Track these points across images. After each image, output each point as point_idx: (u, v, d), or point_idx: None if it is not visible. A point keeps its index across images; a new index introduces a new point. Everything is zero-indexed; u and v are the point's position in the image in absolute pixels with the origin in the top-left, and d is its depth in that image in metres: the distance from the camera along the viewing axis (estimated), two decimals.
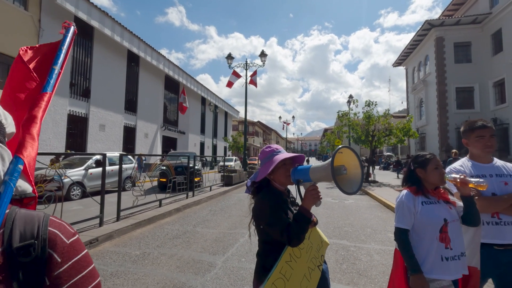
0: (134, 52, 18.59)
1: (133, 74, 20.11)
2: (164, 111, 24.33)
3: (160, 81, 23.40)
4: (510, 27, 20.46)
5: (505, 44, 21.10)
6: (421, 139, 28.15)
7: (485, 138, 1.91)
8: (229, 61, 16.25)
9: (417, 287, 1.56)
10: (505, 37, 21.04)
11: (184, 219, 6.45)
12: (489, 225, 1.81)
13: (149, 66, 21.13)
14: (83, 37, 15.59)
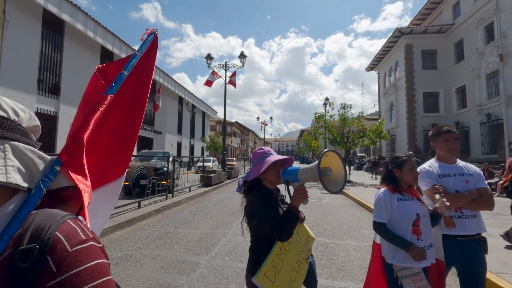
0: (108, 49, 17.92)
1: None
2: None
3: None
4: (470, 38, 22.17)
5: (466, 53, 22.83)
6: (391, 140, 29.64)
7: (450, 142, 2.15)
8: (209, 61, 16.17)
9: (417, 255, 1.73)
10: (466, 46, 22.77)
11: (165, 220, 6.38)
12: (453, 218, 2.03)
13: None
14: (52, 32, 14.80)
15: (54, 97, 15.00)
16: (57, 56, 15.27)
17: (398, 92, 28.51)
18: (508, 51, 17.81)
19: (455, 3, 24.20)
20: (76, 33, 15.74)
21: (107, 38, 17.50)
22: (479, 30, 21.22)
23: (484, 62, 20.73)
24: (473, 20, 21.67)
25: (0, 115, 0.58)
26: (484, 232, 2.05)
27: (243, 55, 16.41)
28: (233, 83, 16.91)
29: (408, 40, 25.87)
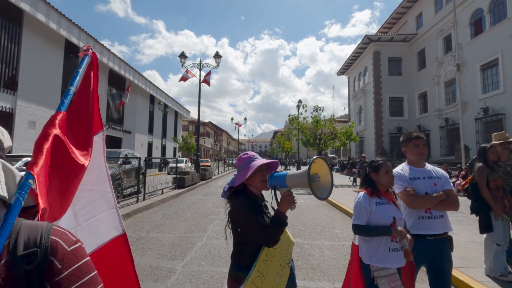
0: (74, 43, 16.85)
1: (72, 66, 18.19)
2: (107, 109, 22.50)
3: (104, 75, 21.60)
4: (431, 47, 23.85)
5: (427, 62, 24.52)
6: (360, 142, 30.98)
7: (419, 147, 2.29)
8: (182, 59, 15.80)
9: (398, 233, 1.84)
10: (428, 55, 24.46)
11: (136, 224, 6.12)
12: (423, 219, 2.17)
13: None
14: (8, 21, 13.61)
15: (10, 92, 13.80)
16: (14, 48, 14.06)
17: (366, 96, 29.90)
18: (464, 61, 19.41)
19: (418, 14, 25.91)
20: (37, 24, 14.61)
21: (72, 31, 16.44)
22: (439, 41, 22.89)
23: (443, 71, 22.40)
24: (434, 31, 23.34)
25: None
26: (451, 231, 2.20)
27: (218, 55, 16.26)
28: (207, 82, 16.69)
29: (376, 47, 27.24)
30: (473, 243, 4.65)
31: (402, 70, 27.34)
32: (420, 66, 25.79)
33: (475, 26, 19.53)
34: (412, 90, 26.51)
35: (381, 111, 26.89)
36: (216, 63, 16.49)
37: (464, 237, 5.01)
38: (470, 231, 5.39)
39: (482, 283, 3.17)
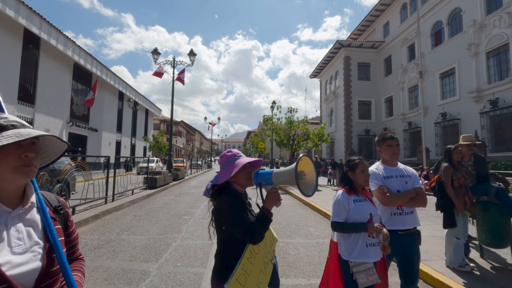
0: (34, 32, 15.61)
1: (31, 58, 16.86)
2: (71, 105, 21.13)
3: (68, 69, 20.29)
4: (397, 55, 25.34)
5: (393, 68, 26.01)
6: (331, 143, 32.08)
7: (393, 147, 2.43)
8: (155, 56, 15.30)
9: (375, 229, 1.92)
10: (394, 62, 25.95)
11: (105, 226, 5.82)
12: (395, 215, 2.30)
13: (54, 51, 18.06)
14: None
15: None
16: None
17: (337, 99, 31.03)
18: (426, 69, 20.85)
19: (385, 23, 27.41)
20: None
21: (32, 20, 15.24)
22: (403, 49, 24.39)
23: (407, 77, 23.90)
24: (399, 40, 24.83)
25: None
26: (419, 226, 2.36)
27: (193, 53, 15.97)
28: (181, 80, 16.32)
29: (346, 52, 28.38)
30: (434, 238, 5.01)
31: (371, 75, 28.76)
32: (387, 72, 27.30)
33: (436, 36, 21.10)
34: (379, 94, 27.97)
35: (351, 114, 28.06)
36: (191, 61, 16.19)
37: (426, 232, 5.38)
38: (431, 227, 5.80)
39: (443, 273, 3.43)
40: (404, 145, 24.03)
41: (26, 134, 0.82)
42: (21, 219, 0.86)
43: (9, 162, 0.82)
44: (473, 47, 17.41)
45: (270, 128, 19.31)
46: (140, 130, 35.28)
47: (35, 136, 0.84)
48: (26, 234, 0.85)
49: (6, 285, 0.75)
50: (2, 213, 0.83)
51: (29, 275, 0.81)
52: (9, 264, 0.77)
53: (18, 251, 0.81)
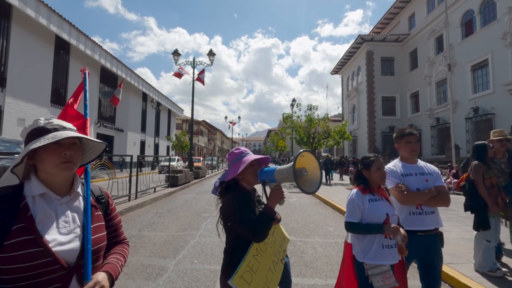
0: (64, 39, 16.52)
1: (62, 63, 17.86)
2: (99, 106, 22.17)
3: (95, 72, 21.28)
4: (423, 48, 24.14)
5: (419, 62, 24.82)
6: (353, 141, 31.24)
7: (412, 143, 2.30)
8: (176, 57, 15.64)
9: (391, 230, 1.82)
10: (420, 55, 24.76)
11: (128, 223, 6.04)
12: (414, 215, 2.18)
13: (82, 56, 19.01)
14: None
15: None
16: (3, 44, 13.73)
17: (360, 96, 30.13)
18: (455, 61, 19.70)
19: (410, 15, 26.19)
20: (26, 20, 14.29)
21: (62, 27, 16.12)
22: (430, 41, 23.19)
23: (434, 71, 22.71)
24: (426, 31, 23.63)
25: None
26: (441, 227, 2.22)
27: (212, 53, 16.16)
28: (201, 80, 16.57)
29: (369, 47, 27.45)
30: (463, 240, 4.72)
31: (395, 70, 27.62)
32: (412, 66, 26.10)
33: (466, 27, 19.84)
34: (404, 89, 26.81)
35: (374, 110, 27.14)
36: (210, 61, 16.39)
37: (454, 233, 5.08)
38: (460, 228, 5.47)
39: (472, 278, 3.21)
40: (431, 142, 22.88)
41: (59, 135, 0.97)
42: (68, 206, 1.04)
43: (52, 159, 0.98)
44: (508, 36, 16.19)
45: (289, 126, 19.13)
46: (163, 130, 36.33)
47: (71, 137, 1.00)
48: (71, 218, 1.02)
49: (52, 258, 0.91)
50: (53, 200, 1.01)
51: (71, 253, 0.97)
52: (55, 241, 0.94)
53: (63, 232, 0.98)
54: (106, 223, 1.17)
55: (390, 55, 27.54)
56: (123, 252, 1.19)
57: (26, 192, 0.97)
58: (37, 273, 0.89)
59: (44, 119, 1.05)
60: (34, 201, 0.97)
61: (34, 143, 0.96)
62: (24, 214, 0.93)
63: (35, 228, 0.92)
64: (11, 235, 0.88)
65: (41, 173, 1.02)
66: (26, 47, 14.68)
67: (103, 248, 1.10)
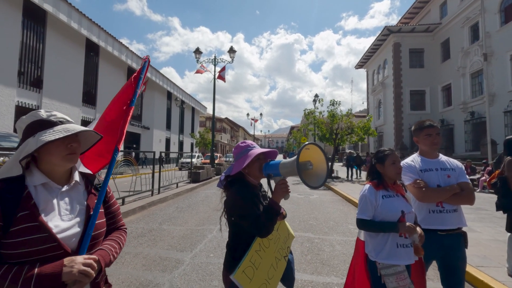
0: (94, 41, 17.38)
1: (92, 65, 18.83)
2: None
3: (122, 73, 22.20)
4: (456, 37, 22.62)
5: (452, 52, 23.30)
6: (379, 137, 30.11)
7: (432, 136, 2.14)
8: (197, 55, 15.91)
9: (406, 229, 1.72)
10: (452, 46, 23.23)
11: (149, 217, 6.26)
12: (434, 213, 2.03)
13: (110, 57, 19.92)
14: (34, 22, 14.23)
15: (36, 90, 14.48)
16: (40, 48, 14.71)
17: (386, 90, 28.92)
18: (492, 51, 18.27)
19: (442, 3, 24.61)
20: (60, 24, 15.19)
21: (92, 30, 16.95)
22: (464, 30, 21.66)
23: (469, 61, 21.21)
24: (459, 19, 22.10)
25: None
26: (465, 227, 2.05)
27: (233, 49, 16.23)
28: (222, 78, 16.74)
29: (396, 38, 26.20)
30: (496, 242, 4.37)
31: (424, 62, 26.15)
32: (444, 57, 24.56)
33: (505, 12, 18.29)
34: (435, 82, 25.33)
35: (401, 105, 25.93)
36: (231, 58, 16.48)
37: (486, 235, 4.73)
38: (493, 229, 5.08)
39: (503, 283, 2.97)
40: (465, 137, 21.46)
41: (72, 129, 1.04)
42: (68, 194, 1.09)
43: (59, 151, 1.03)
44: None
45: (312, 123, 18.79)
46: (187, 127, 37.24)
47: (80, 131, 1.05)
48: (71, 206, 1.07)
49: (56, 243, 0.96)
50: (54, 189, 1.06)
51: (73, 238, 1.02)
52: (58, 227, 0.99)
53: (65, 219, 1.03)
54: (105, 210, 1.22)
55: (419, 47, 26.10)
56: (118, 239, 1.21)
57: (28, 182, 1.02)
58: (42, 257, 0.93)
59: (44, 111, 1.08)
60: (37, 190, 1.02)
61: (46, 135, 0.99)
62: (28, 202, 0.97)
63: (38, 215, 0.96)
64: (17, 222, 0.93)
65: (44, 163, 1.06)
66: (59, 51, 15.62)
67: (102, 234, 1.15)
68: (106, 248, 1.12)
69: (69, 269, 0.92)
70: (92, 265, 0.97)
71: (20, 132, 1.08)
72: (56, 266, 0.92)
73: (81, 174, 1.21)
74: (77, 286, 0.94)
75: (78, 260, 0.96)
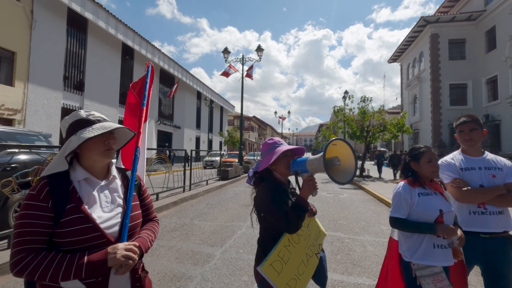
0: (129, 45, 18.37)
1: (128, 67, 19.91)
2: (159, 105, 24.18)
3: (155, 74, 23.21)
4: (504, 25, 20.70)
5: (498, 42, 21.37)
6: (414, 135, 28.52)
7: (464, 133, 2.01)
8: (226, 55, 16.17)
9: (448, 231, 1.63)
10: (499, 34, 21.30)
11: (181, 212, 6.51)
12: (475, 214, 1.90)
13: (144, 60, 20.91)
14: (76, 29, 15.36)
15: (78, 93, 15.64)
16: (82, 53, 15.85)
17: (422, 84, 27.27)
18: None
19: None
20: (99, 31, 16.24)
21: (127, 34, 17.92)
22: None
23: None
24: (507, 5, 20.19)
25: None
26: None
27: (260, 48, 16.28)
28: (250, 76, 16.85)
29: (433, 29, 24.57)
30: None
31: (466, 53, 24.23)
32: (489, 47, 22.59)
33: None
34: (478, 75, 23.40)
35: (440, 100, 24.29)
36: (259, 56, 16.54)
37: None
38: None
39: None
40: None
41: (108, 126, 1.14)
42: (107, 188, 1.19)
43: (98, 147, 1.14)
44: None
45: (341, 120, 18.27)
46: (216, 126, 38.06)
47: (115, 128, 1.16)
48: (111, 198, 1.18)
49: (100, 233, 1.06)
50: (95, 183, 1.16)
51: (113, 228, 1.12)
52: (101, 218, 1.09)
53: (106, 210, 1.13)
54: (140, 202, 1.31)
55: (460, 37, 24.23)
56: (153, 229, 1.32)
57: (72, 177, 1.12)
58: (88, 245, 1.04)
59: (84, 111, 1.19)
60: (80, 184, 1.12)
61: (86, 132, 1.09)
62: (74, 196, 1.08)
63: (83, 207, 1.07)
64: (66, 213, 1.04)
65: (85, 160, 1.16)
66: (99, 55, 16.72)
67: (139, 225, 1.24)
68: (144, 236, 1.22)
69: (113, 255, 1.02)
70: (133, 249, 1.08)
71: (64, 131, 1.18)
72: (102, 254, 1.02)
73: (118, 169, 1.31)
74: (122, 270, 1.04)
75: (120, 246, 1.05)
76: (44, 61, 13.30)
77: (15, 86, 12.21)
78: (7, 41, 11.82)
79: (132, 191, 1.23)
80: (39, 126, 12.99)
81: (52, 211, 1.03)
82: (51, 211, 1.02)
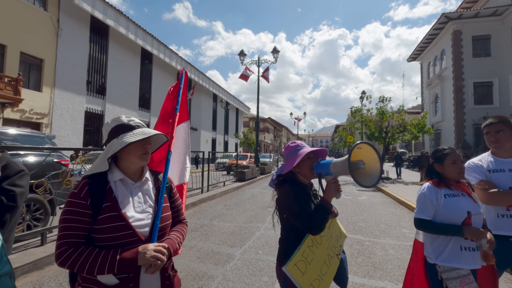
0: (148, 50, 18.91)
1: (147, 72, 20.48)
2: None
3: (173, 78, 23.74)
4: None
5: None
6: (436, 135, 27.57)
7: (490, 134, 1.96)
8: (241, 57, 16.32)
9: (476, 234, 1.59)
10: None
11: (201, 213, 6.64)
12: (504, 217, 1.84)
13: (162, 64, 21.46)
14: (99, 36, 15.99)
15: (100, 97, 16.25)
16: (103, 59, 16.48)
17: (444, 83, 26.32)
18: None
19: None
20: (119, 36, 16.83)
21: (146, 39, 18.45)
22: None
23: None
24: None
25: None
26: None
27: (276, 50, 16.30)
28: (266, 78, 16.91)
29: (456, 26, 23.69)
30: None
31: (492, 50, 23.18)
32: None
33: None
34: (505, 72, 22.32)
35: (463, 99, 23.36)
36: (274, 58, 16.57)
37: None
38: None
39: None
40: None
41: (148, 132, 1.22)
42: (140, 189, 1.25)
43: (137, 151, 1.20)
44: None
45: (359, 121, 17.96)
46: (231, 128, 38.36)
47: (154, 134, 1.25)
48: (143, 199, 1.23)
49: (131, 231, 1.12)
50: (129, 184, 1.22)
51: (145, 228, 1.17)
52: (133, 218, 1.15)
53: (138, 210, 1.19)
54: (170, 204, 1.36)
55: (485, 33, 23.23)
56: (182, 231, 1.37)
57: (109, 178, 1.20)
58: (121, 242, 1.10)
59: (125, 117, 1.26)
60: (116, 185, 1.19)
61: (127, 137, 1.17)
62: (110, 195, 1.15)
63: (118, 206, 1.14)
64: (102, 211, 1.11)
65: (123, 162, 1.23)
66: (119, 60, 17.32)
67: (169, 226, 1.30)
68: (173, 237, 1.27)
69: (143, 255, 1.08)
70: (162, 251, 1.12)
71: (105, 135, 1.26)
72: (133, 253, 1.08)
73: (151, 171, 1.37)
74: (151, 269, 1.10)
75: (150, 247, 1.11)
76: (69, 67, 13.94)
77: (42, 92, 12.87)
78: (35, 48, 12.49)
79: (163, 193, 1.28)
80: (64, 129, 13.61)
81: (90, 208, 1.10)
82: (90, 209, 1.10)
